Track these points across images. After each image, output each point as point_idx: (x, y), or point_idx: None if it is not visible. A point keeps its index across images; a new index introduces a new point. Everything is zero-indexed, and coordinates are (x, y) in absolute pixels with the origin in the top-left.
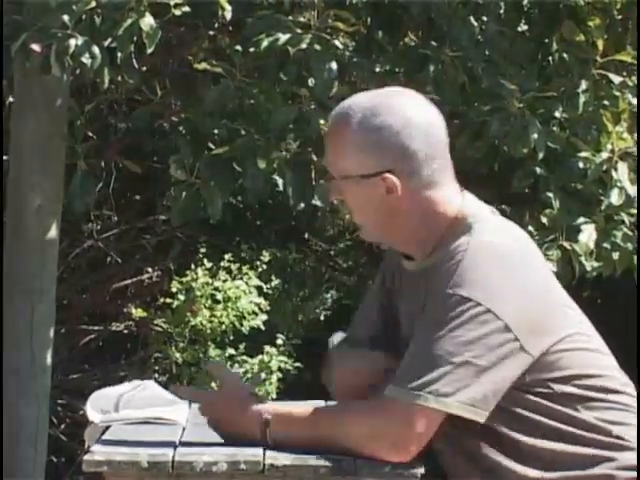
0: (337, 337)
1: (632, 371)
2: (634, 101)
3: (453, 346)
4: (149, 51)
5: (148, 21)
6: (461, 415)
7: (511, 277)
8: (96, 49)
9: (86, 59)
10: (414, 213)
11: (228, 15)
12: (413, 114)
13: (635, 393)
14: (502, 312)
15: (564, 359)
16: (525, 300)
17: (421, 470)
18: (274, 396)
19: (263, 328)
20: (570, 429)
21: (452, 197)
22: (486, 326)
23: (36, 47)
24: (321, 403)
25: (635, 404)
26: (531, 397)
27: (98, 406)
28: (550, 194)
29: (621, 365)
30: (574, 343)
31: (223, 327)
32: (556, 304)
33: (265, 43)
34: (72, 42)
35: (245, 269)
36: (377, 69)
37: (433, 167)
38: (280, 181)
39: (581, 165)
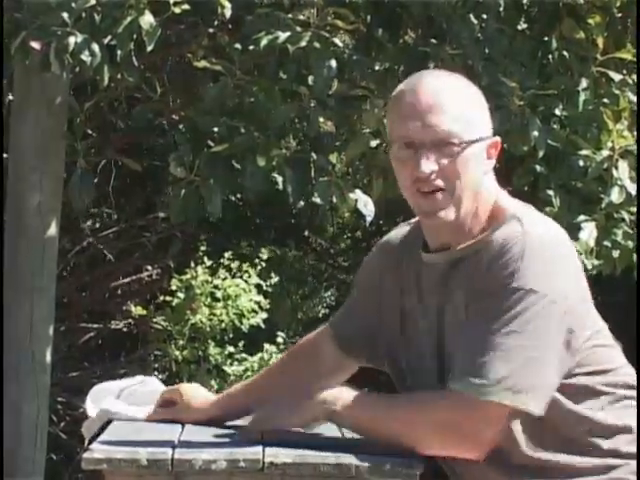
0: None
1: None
2: (634, 99)
3: (526, 340)
4: (149, 49)
5: (148, 19)
6: (532, 412)
7: (570, 269)
8: (96, 47)
9: (86, 57)
10: (486, 187)
11: (227, 13)
12: None
13: None
14: (565, 304)
15: (595, 354)
16: (579, 292)
17: (420, 469)
18: None
19: (263, 326)
20: (590, 439)
21: (494, 183)
22: (554, 319)
23: (36, 45)
24: None
25: None
26: (557, 395)
27: (98, 400)
28: (550, 192)
29: None
30: (601, 339)
31: (223, 325)
32: (590, 296)
33: (264, 41)
34: (72, 40)
35: (245, 267)
36: (377, 67)
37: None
38: (280, 179)
39: (581, 163)
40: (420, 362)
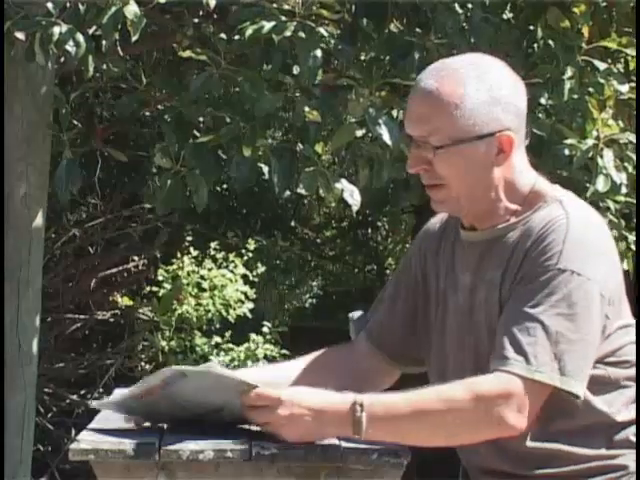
0: (356, 314)
1: None
2: (620, 88)
3: (571, 322)
4: (134, 39)
5: (132, 9)
6: (574, 393)
7: (609, 255)
8: (80, 37)
9: (70, 47)
10: (504, 181)
11: (212, 3)
12: (514, 76)
13: None
14: (607, 288)
15: (626, 346)
16: (616, 280)
17: (407, 458)
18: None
19: (250, 316)
20: (603, 430)
21: (529, 170)
22: (595, 303)
23: (20, 35)
24: None
25: None
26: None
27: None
28: None
29: None
30: (631, 335)
31: (209, 315)
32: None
33: (250, 31)
34: (56, 30)
35: (231, 257)
36: (362, 56)
37: (524, 132)
38: (266, 169)
39: (567, 152)
40: (451, 341)
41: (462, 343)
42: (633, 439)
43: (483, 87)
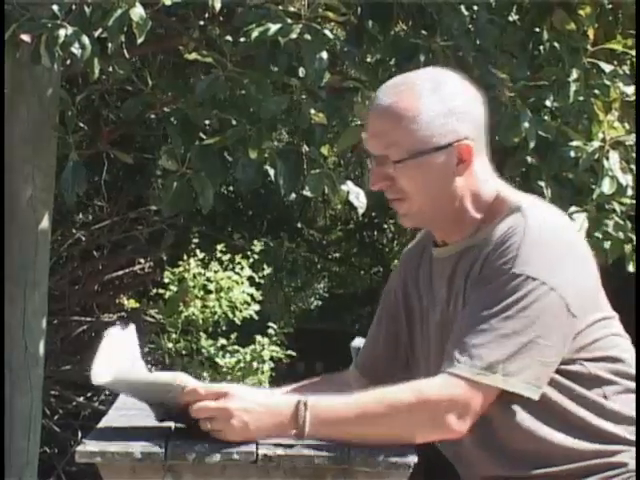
0: (357, 342)
1: None
2: (626, 89)
3: (520, 325)
4: (139, 41)
5: (138, 11)
6: (521, 394)
7: (570, 255)
8: (86, 39)
9: (76, 49)
10: (468, 191)
11: (217, 5)
12: (470, 86)
13: None
14: (564, 291)
15: (602, 340)
16: (582, 277)
17: (414, 459)
18: (266, 385)
19: (256, 318)
20: (592, 426)
21: (493, 177)
22: (550, 305)
23: (26, 37)
24: None
25: None
26: (562, 379)
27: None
28: (542, 183)
29: None
30: (611, 328)
31: (215, 317)
32: (600, 283)
33: (255, 33)
34: (62, 32)
35: (237, 259)
36: (368, 59)
37: (484, 140)
38: (271, 171)
39: (572, 154)
40: (434, 356)
41: (441, 357)
42: (629, 436)
43: (438, 99)
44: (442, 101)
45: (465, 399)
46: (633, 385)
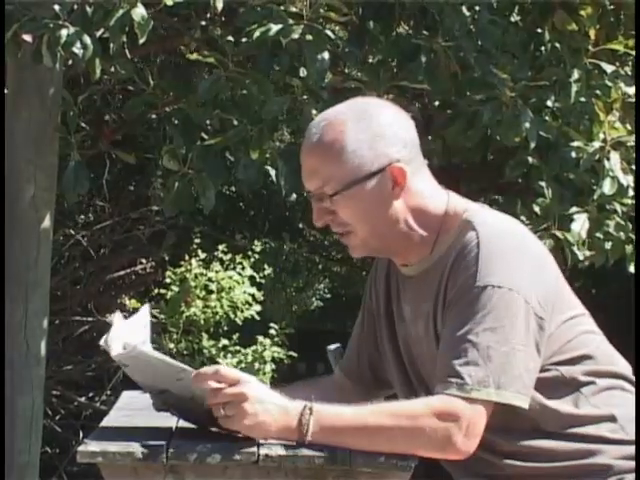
0: (334, 346)
1: (629, 360)
2: (627, 90)
3: (498, 336)
4: (141, 41)
5: (139, 11)
6: (514, 404)
7: (527, 259)
8: (87, 39)
9: (77, 49)
10: (411, 211)
11: (219, 5)
12: (393, 109)
13: (634, 378)
14: (528, 294)
15: (574, 340)
16: (542, 279)
17: (414, 461)
18: (267, 386)
19: (258, 318)
20: (571, 430)
21: (439, 192)
22: (520, 311)
23: (27, 37)
24: None
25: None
26: (537, 393)
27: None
28: (542, 183)
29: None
30: (582, 325)
31: (217, 318)
32: (563, 281)
33: (257, 33)
34: (63, 32)
35: (239, 259)
36: (370, 59)
37: (421, 159)
38: (273, 171)
39: (573, 154)
40: (397, 368)
41: (414, 372)
42: (608, 435)
43: (363, 127)
44: (367, 128)
45: (465, 418)
46: (607, 383)
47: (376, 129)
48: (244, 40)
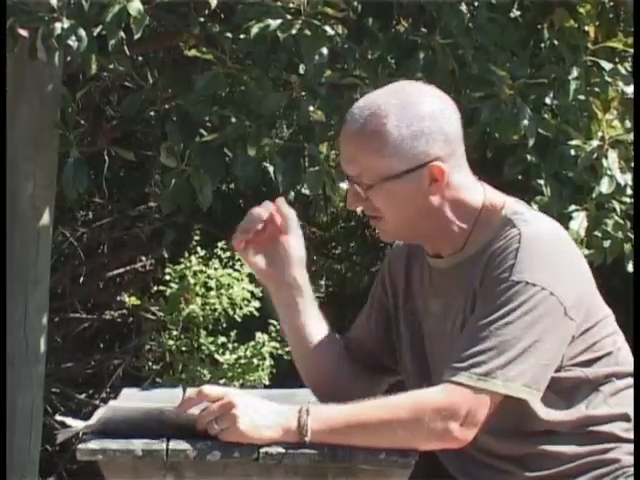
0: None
1: None
2: (626, 89)
3: (520, 331)
4: (137, 36)
5: (136, 5)
6: (523, 398)
7: (565, 260)
8: (82, 32)
9: (72, 42)
10: (448, 203)
11: (213, 2)
12: (440, 99)
13: None
14: (563, 296)
15: (599, 342)
16: (578, 282)
17: (415, 457)
18: (266, 382)
19: (257, 314)
20: (585, 429)
21: (476, 185)
22: (549, 310)
23: (23, 32)
24: None
25: None
26: (551, 394)
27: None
28: (541, 181)
29: None
30: (607, 327)
31: (216, 314)
32: (594, 285)
33: (255, 29)
34: (58, 25)
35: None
36: (368, 56)
37: (462, 150)
38: (271, 168)
39: (572, 153)
40: (434, 365)
41: (418, 365)
42: (621, 434)
43: (404, 122)
44: (409, 123)
45: (466, 407)
46: (625, 383)
47: (418, 125)
48: (242, 36)
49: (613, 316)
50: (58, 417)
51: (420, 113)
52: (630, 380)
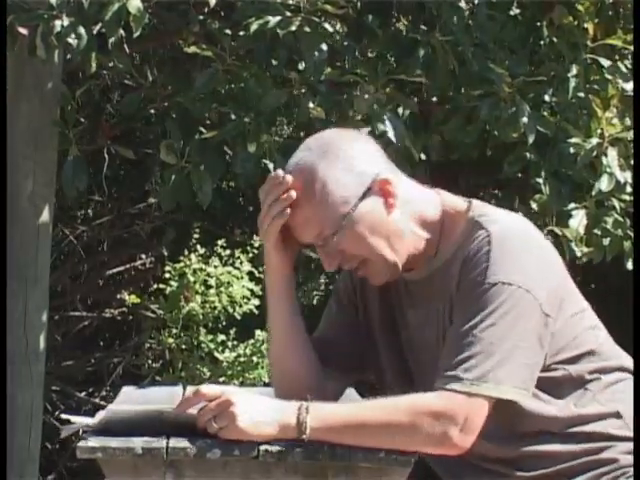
0: None
1: None
2: (625, 86)
3: (502, 331)
4: (136, 34)
5: (135, 4)
6: (513, 399)
7: (536, 256)
8: (82, 30)
9: (72, 39)
10: (410, 217)
11: (212, 1)
12: (351, 133)
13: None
14: (538, 293)
15: (579, 337)
16: (550, 276)
17: (415, 456)
18: (266, 380)
19: (257, 312)
20: (577, 429)
21: (429, 194)
22: (527, 308)
23: (23, 30)
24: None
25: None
26: (540, 392)
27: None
28: (541, 179)
29: None
30: (586, 320)
31: (215, 312)
32: (568, 276)
33: (255, 26)
34: (57, 23)
35: (237, 253)
36: (368, 53)
37: (397, 169)
38: (271, 165)
39: (571, 150)
40: (396, 375)
41: (421, 380)
42: (615, 432)
43: (332, 161)
44: (337, 160)
45: (464, 413)
46: (612, 378)
47: (345, 156)
48: (242, 33)
49: (591, 309)
50: (64, 416)
51: (340, 146)
52: (619, 374)
